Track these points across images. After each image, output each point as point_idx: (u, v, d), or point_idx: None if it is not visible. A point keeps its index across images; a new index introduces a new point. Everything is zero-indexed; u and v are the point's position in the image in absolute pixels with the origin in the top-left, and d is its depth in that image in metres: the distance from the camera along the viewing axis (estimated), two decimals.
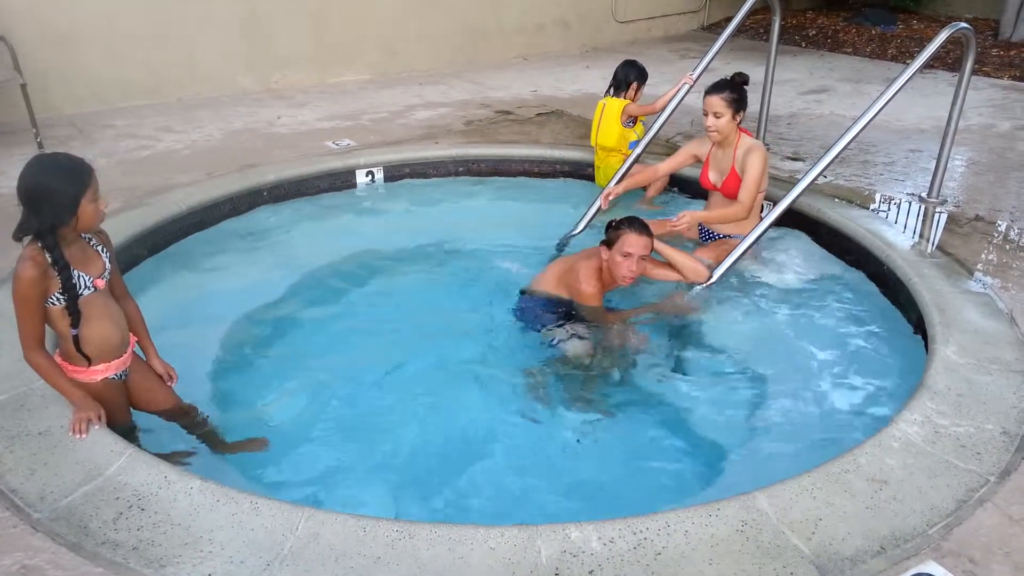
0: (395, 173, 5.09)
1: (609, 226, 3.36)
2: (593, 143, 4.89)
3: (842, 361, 3.24)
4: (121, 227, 3.92)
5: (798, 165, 4.97)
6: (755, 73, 5.18)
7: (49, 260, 2.20)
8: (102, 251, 2.39)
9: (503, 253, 4.39)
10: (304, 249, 4.32)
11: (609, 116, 4.73)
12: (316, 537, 2.01)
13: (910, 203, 4.36)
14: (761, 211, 4.24)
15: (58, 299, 2.25)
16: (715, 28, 9.80)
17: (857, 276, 3.81)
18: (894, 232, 3.94)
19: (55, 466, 2.27)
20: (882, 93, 3.72)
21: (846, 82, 7.32)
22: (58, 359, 2.39)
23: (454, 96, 6.79)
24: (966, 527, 2.09)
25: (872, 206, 4.30)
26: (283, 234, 4.48)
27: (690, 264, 3.56)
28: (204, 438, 2.71)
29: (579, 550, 1.96)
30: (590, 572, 1.90)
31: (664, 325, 3.49)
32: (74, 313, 2.29)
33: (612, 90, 4.85)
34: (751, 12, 5.16)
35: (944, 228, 4.04)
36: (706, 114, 3.77)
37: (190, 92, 6.48)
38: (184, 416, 2.71)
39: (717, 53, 4.67)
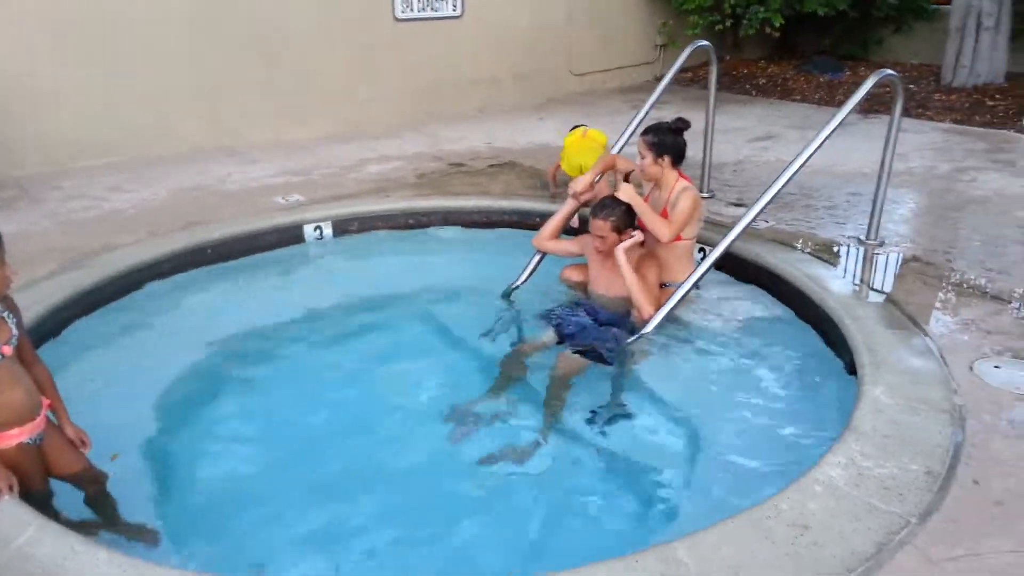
0: (344, 227, 5.10)
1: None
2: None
3: (775, 405, 3.25)
4: (57, 288, 3.89)
5: (741, 211, 5.04)
6: (703, 122, 5.29)
7: None
8: (8, 317, 2.36)
9: (450, 305, 4.40)
10: (250, 307, 4.30)
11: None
12: None
13: (848, 246, 4.43)
14: (702, 256, 4.29)
15: None
16: (673, 78, 10.02)
17: (793, 319, 3.86)
18: (831, 275, 3.99)
19: None
20: (808, 143, 3.80)
21: (793, 129, 7.49)
22: None
23: (408, 149, 6.85)
24: (886, 570, 2.07)
25: (811, 250, 4.36)
26: (228, 292, 4.45)
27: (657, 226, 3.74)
28: (102, 509, 2.64)
29: None
30: None
31: (593, 370, 3.49)
32: None
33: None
34: (702, 63, 5.28)
35: (881, 270, 4.10)
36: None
37: (141, 151, 6.48)
38: (94, 483, 2.64)
39: (652, 107, 4.73)
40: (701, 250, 4.35)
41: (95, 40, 6.11)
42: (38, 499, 2.47)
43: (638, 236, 3.70)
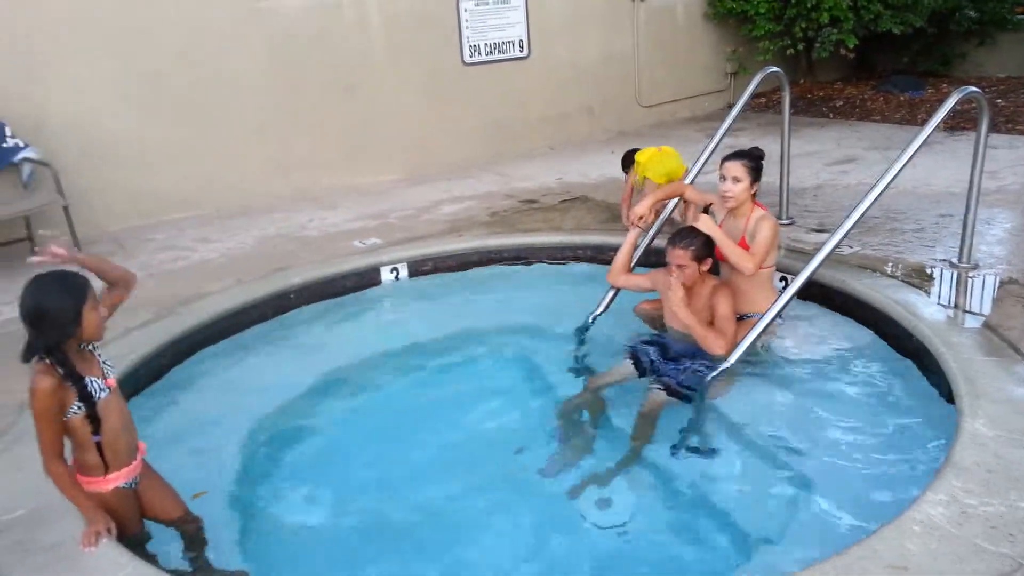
0: (419, 268, 5.18)
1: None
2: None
3: (867, 439, 3.11)
4: (151, 337, 4.07)
5: (823, 237, 4.89)
6: (779, 148, 5.20)
7: (61, 374, 2.27)
8: (94, 351, 2.47)
9: (526, 341, 4.41)
10: (331, 349, 4.39)
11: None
12: None
13: (940, 269, 4.24)
14: (784, 284, 4.18)
15: (78, 408, 2.31)
16: (745, 105, 9.89)
17: (885, 348, 3.70)
18: (923, 300, 3.82)
19: None
20: (891, 164, 3.67)
21: (874, 150, 7.26)
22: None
23: (480, 189, 6.94)
24: None
25: (900, 274, 4.19)
26: (310, 335, 4.56)
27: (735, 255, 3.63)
28: (196, 552, 2.70)
29: None
30: None
31: (674, 406, 3.42)
32: (95, 420, 2.35)
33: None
34: (775, 88, 5.22)
35: (976, 294, 3.91)
36: (723, 179, 3.76)
37: (226, 202, 6.74)
38: (189, 525, 2.71)
39: (724, 135, 4.68)
40: (783, 279, 4.24)
41: (180, 99, 6.43)
42: (133, 541, 2.57)
43: (676, 284, 3.59)
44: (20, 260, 5.54)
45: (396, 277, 5.12)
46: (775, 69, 5.01)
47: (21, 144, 5.46)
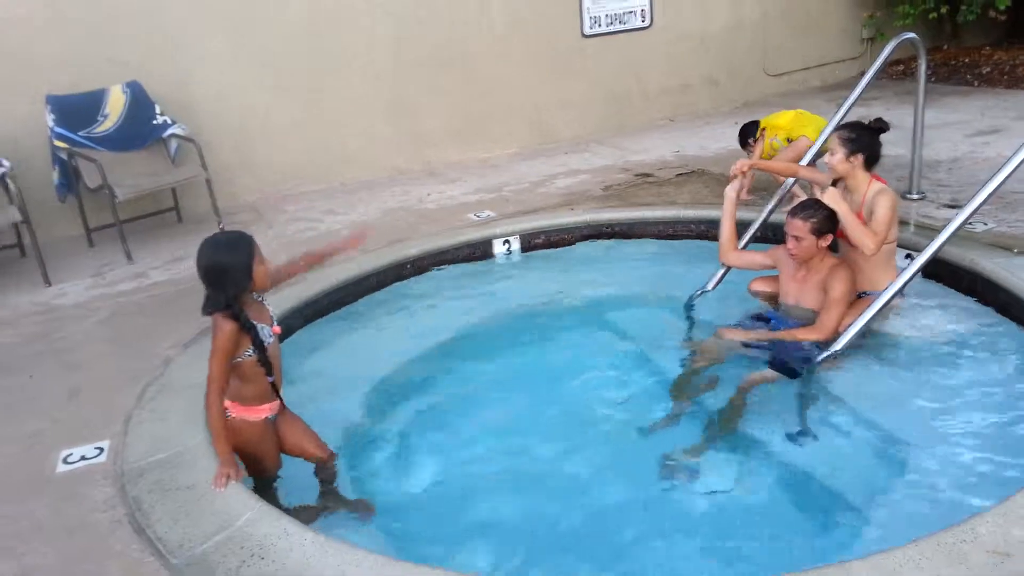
0: (531, 241, 5.28)
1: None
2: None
3: (984, 427, 2.97)
4: (282, 300, 4.37)
5: (955, 213, 4.63)
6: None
7: (239, 323, 2.53)
8: (264, 300, 2.73)
9: (635, 315, 4.43)
10: (443, 318, 4.55)
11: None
12: None
13: None
14: (909, 261, 4.00)
15: (251, 352, 2.58)
16: (878, 73, 9.35)
17: (1014, 333, 3.49)
18: None
19: (195, 517, 2.55)
20: None
21: (1022, 120, 6.73)
22: (226, 402, 2.67)
23: (596, 162, 6.95)
24: None
25: None
26: (424, 304, 4.75)
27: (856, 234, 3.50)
28: (326, 486, 2.93)
29: None
30: None
31: (780, 382, 3.36)
32: (266, 363, 2.62)
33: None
34: (912, 55, 4.95)
35: None
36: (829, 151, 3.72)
37: (351, 176, 7.09)
38: (326, 460, 2.95)
39: (853, 104, 4.48)
40: (908, 256, 4.06)
41: (308, 79, 6.80)
42: (270, 476, 2.85)
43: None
44: (169, 227, 6.10)
45: (508, 250, 5.25)
46: (911, 35, 4.75)
47: (169, 121, 5.93)
